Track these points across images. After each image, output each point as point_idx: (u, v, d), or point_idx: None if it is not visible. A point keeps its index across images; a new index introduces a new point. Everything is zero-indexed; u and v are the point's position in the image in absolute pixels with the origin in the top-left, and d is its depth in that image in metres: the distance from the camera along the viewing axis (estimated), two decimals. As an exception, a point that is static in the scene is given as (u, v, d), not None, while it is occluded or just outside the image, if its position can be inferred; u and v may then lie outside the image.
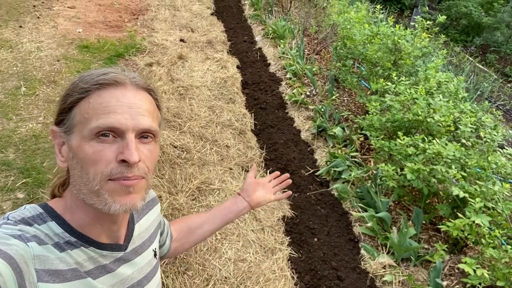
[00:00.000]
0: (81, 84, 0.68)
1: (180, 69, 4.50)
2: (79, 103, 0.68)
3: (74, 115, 0.68)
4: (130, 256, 0.81)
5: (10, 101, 3.47)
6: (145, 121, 0.68)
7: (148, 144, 0.70)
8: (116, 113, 0.65)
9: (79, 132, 0.66)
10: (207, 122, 3.63)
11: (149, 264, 0.87)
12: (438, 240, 2.55)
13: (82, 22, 5.52)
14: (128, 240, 0.81)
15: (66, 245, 0.68)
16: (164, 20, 5.99)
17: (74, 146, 0.67)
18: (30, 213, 0.68)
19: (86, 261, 0.71)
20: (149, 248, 0.89)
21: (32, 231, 0.65)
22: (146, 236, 0.88)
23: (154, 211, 0.96)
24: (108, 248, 0.75)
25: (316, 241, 2.64)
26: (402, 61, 3.53)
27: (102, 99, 0.66)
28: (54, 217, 0.69)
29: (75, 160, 0.67)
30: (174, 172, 2.94)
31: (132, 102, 0.68)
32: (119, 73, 0.70)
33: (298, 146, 3.53)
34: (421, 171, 2.33)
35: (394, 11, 9.42)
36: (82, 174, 0.66)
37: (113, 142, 0.66)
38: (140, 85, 0.72)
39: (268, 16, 6.45)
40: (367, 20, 4.52)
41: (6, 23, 4.88)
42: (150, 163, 0.71)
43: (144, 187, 0.71)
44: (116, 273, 0.76)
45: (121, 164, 0.65)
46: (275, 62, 4.99)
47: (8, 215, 0.67)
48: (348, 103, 4.26)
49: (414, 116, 2.76)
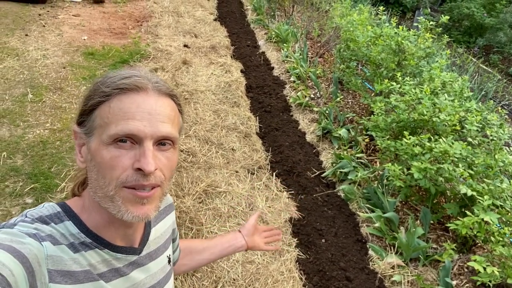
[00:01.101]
0: (103, 87, 0.67)
1: (184, 74, 4.54)
2: (100, 106, 0.67)
3: (94, 117, 0.67)
4: (144, 261, 0.80)
5: (17, 108, 3.51)
6: (164, 128, 0.67)
7: (166, 152, 0.69)
8: (135, 120, 0.64)
9: (99, 136, 0.66)
10: (212, 126, 3.65)
11: (162, 270, 0.86)
12: (446, 240, 2.54)
13: (87, 29, 5.59)
14: (143, 244, 0.80)
15: (81, 246, 0.68)
16: (168, 26, 6.05)
17: (92, 149, 0.66)
18: (48, 211, 0.68)
19: (100, 263, 0.70)
20: (164, 254, 0.87)
21: (48, 230, 0.65)
22: (161, 242, 0.87)
23: (170, 217, 0.94)
24: (123, 251, 0.74)
25: (323, 242, 2.64)
26: (406, 62, 3.53)
27: (123, 105, 0.65)
28: (71, 217, 0.69)
29: (92, 163, 0.67)
30: (181, 176, 2.95)
31: (152, 109, 0.66)
32: (142, 77, 0.69)
33: (304, 148, 3.54)
34: (428, 170, 2.33)
35: (396, 13, 9.44)
36: (98, 178, 0.66)
37: (131, 149, 0.65)
38: (163, 91, 0.70)
39: (271, 20, 6.49)
40: (369, 22, 4.54)
41: (12, 32, 4.95)
42: (167, 171, 0.69)
43: (159, 196, 0.70)
44: (128, 277, 0.76)
45: (137, 172, 0.64)
46: (278, 66, 5.02)
47: (27, 212, 0.67)
48: (352, 105, 4.26)
49: (420, 116, 2.76)
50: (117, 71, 0.71)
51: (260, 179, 3.13)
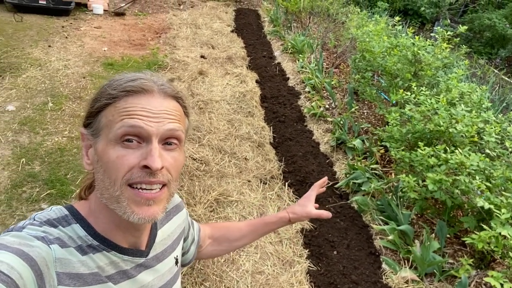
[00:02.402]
0: (109, 90, 0.68)
1: (200, 84, 4.59)
2: (106, 108, 0.68)
3: (101, 118, 0.68)
4: (151, 263, 0.80)
5: (37, 116, 3.62)
6: (170, 125, 0.67)
7: (172, 151, 0.69)
8: (142, 116, 0.65)
9: (105, 136, 0.66)
10: (226, 135, 3.67)
11: (170, 272, 0.86)
12: (463, 255, 2.44)
13: (107, 41, 5.75)
14: (149, 246, 0.80)
15: (89, 248, 0.68)
16: (186, 38, 6.16)
17: (99, 149, 0.67)
18: (56, 214, 0.69)
19: (108, 265, 0.70)
20: (171, 255, 0.87)
21: (56, 233, 0.65)
22: (168, 243, 0.87)
23: (179, 217, 0.94)
24: (130, 253, 0.74)
25: (335, 254, 2.58)
26: (423, 72, 3.48)
27: (128, 105, 0.66)
28: (78, 220, 0.70)
29: (99, 164, 0.67)
30: (193, 184, 2.97)
31: (158, 110, 0.67)
32: (148, 80, 0.69)
33: (317, 159, 3.50)
34: (443, 181, 2.26)
35: (415, 24, 9.36)
36: (104, 178, 0.66)
37: (137, 148, 0.65)
38: (168, 93, 0.70)
39: (287, 32, 6.53)
40: (386, 33, 4.51)
41: (36, 43, 5.14)
42: (174, 171, 0.69)
43: (166, 197, 0.70)
44: (136, 279, 0.76)
45: (143, 170, 0.65)
46: (294, 76, 5.02)
47: (35, 215, 0.68)
48: (368, 115, 4.22)
49: (436, 127, 2.70)
50: (123, 74, 0.71)
51: (273, 189, 3.11)
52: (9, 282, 0.51)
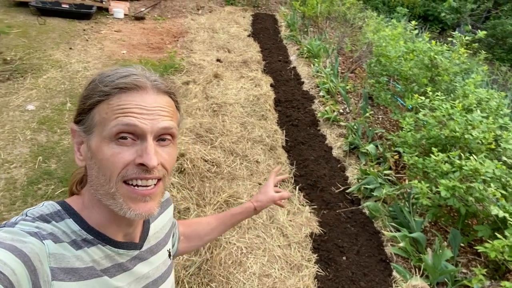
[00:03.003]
0: (101, 86, 0.67)
1: (215, 87, 4.63)
2: (98, 105, 0.67)
3: (93, 115, 0.67)
4: (145, 255, 0.81)
5: (56, 116, 3.71)
6: (164, 123, 0.68)
7: (166, 147, 0.70)
8: (136, 114, 0.65)
9: (99, 133, 0.66)
10: (238, 138, 3.68)
11: (164, 264, 0.87)
12: (477, 265, 2.37)
13: (126, 44, 5.87)
14: (143, 239, 0.81)
15: (83, 242, 0.68)
16: (203, 42, 6.23)
17: (93, 146, 0.67)
18: (48, 210, 0.68)
19: (103, 259, 0.70)
20: (164, 248, 0.89)
21: (49, 228, 0.65)
22: (161, 236, 0.88)
23: (169, 211, 0.96)
24: (124, 247, 0.75)
25: (344, 259, 2.54)
26: (440, 78, 3.41)
27: (122, 102, 0.66)
28: (71, 215, 0.69)
29: (93, 161, 0.67)
30: (204, 185, 2.98)
31: (152, 107, 0.67)
32: (140, 76, 0.69)
33: (329, 163, 3.47)
34: (457, 188, 2.20)
35: (435, 30, 9.20)
36: (99, 175, 0.66)
37: (132, 145, 0.65)
38: (161, 89, 0.71)
39: (304, 36, 6.52)
40: (403, 38, 4.45)
41: (58, 45, 5.29)
42: (168, 166, 0.70)
43: (161, 192, 0.71)
44: (132, 271, 0.76)
45: (139, 167, 0.65)
46: (308, 81, 5.00)
47: (27, 211, 0.67)
48: (383, 120, 4.16)
49: (451, 133, 2.64)
50: (114, 69, 0.71)
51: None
52: (2, 279, 0.51)
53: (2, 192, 2.71)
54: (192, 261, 2.36)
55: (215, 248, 2.46)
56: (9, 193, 2.72)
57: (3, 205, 2.61)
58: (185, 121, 3.80)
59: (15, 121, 3.52)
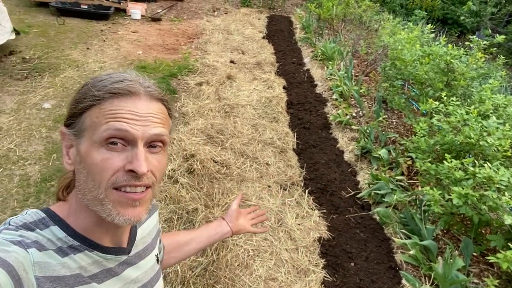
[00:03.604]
0: (94, 91, 0.67)
1: (227, 89, 4.64)
2: (90, 109, 0.67)
3: (84, 119, 0.67)
4: (133, 260, 0.80)
5: (71, 114, 3.78)
6: (155, 129, 0.67)
7: (157, 154, 0.69)
8: (127, 119, 0.65)
9: (89, 137, 0.65)
10: (249, 140, 3.67)
11: (152, 269, 0.86)
12: (489, 275, 2.30)
13: (142, 45, 5.94)
14: (131, 243, 0.81)
15: (69, 249, 0.67)
16: (217, 43, 6.26)
17: (82, 151, 0.66)
18: (32, 218, 0.67)
19: (91, 265, 0.70)
20: (152, 253, 0.88)
21: (33, 236, 0.64)
22: (148, 241, 0.88)
23: (154, 217, 0.95)
24: (112, 252, 0.74)
25: (353, 266, 2.51)
26: (456, 82, 3.34)
27: (114, 107, 0.65)
28: (56, 221, 0.68)
29: (82, 165, 0.66)
30: (212, 186, 2.98)
31: (144, 113, 0.67)
32: (134, 82, 0.69)
33: (340, 167, 3.43)
34: (469, 196, 2.14)
35: (454, 34, 9.02)
36: (88, 180, 0.65)
37: (122, 151, 0.65)
38: (154, 95, 0.71)
39: (318, 38, 6.48)
40: (420, 41, 4.37)
41: (75, 45, 5.39)
42: (158, 173, 0.70)
43: (150, 198, 0.70)
44: (121, 276, 0.76)
45: (128, 174, 0.65)
46: (322, 83, 4.97)
47: (10, 220, 0.66)
48: (397, 125, 4.09)
49: (466, 139, 2.58)
50: (107, 73, 0.71)
51: (292, 196, 3.08)
52: None
53: (16, 188, 2.77)
54: (198, 262, 2.36)
55: (221, 250, 2.45)
56: (23, 189, 2.78)
57: (17, 201, 2.66)
58: (197, 121, 3.82)
59: (31, 119, 3.60)
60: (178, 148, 3.35)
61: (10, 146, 3.18)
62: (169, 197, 2.82)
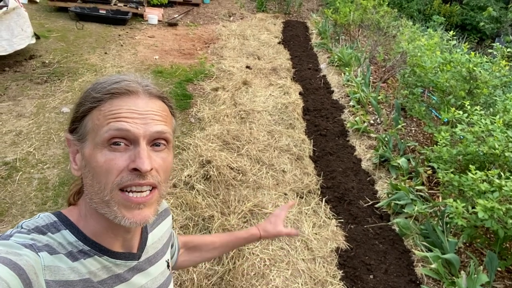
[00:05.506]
0: (93, 93, 0.67)
1: (243, 94, 4.62)
2: (91, 112, 0.67)
3: (86, 123, 0.67)
4: (144, 266, 0.80)
5: (89, 118, 3.81)
6: (157, 127, 0.67)
7: (160, 152, 0.69)
8: (128, 118, 0.65)
9: (92, 140, 0.66)
10: (265, 146, 3.64)
11: (162, 275, 0.86)
12: (516, 292, 2.21)
13: (159, 50, 5.98)
14: (141, 249, 0.80)
15: (80, 254, 0.67)
16: (233, 48, 6.26)
17: (86, 154, 0.66)
18: (44, 221, 0.68)
19: (100, 270, 0.70)
20: (162, 258, 0.87)
21: (44, 240, 0.64)
22: (159, 247, 0.87)
23: (167, 222, 0.94)
24: (122, 257, 0.74)
25: (371, 278, 2.44)
26: (478, 91, 3.25)
27: (114, 107, 0.66)
28: (68, 226, 0.69)
29: (87, 168, 0.66)
30: (229, 193, 2.96)
31: (144, 111, 0.67)
32: (132, 81, 0.69)
33: (358, 176, 3.37)
34: (495, 210, 2.07)
35: (473, 40, 8.87)
36: (94, 183, 0.65)
37: (125, 151, 0.65)
38: (154, 93, 0.71)
39: (335, 44, 6.43)
40: (440, 48, 4.29)
41: (94, 50, 5.46)
42: (163, 172, 0.69)
43: (157, 200, 0.70)
44: (130, 282, 0.75)
45: (133, 173, 0.64)
46: (338, 90, 4.91)
47: (22, 223, 0.67)
48: (416, 133, 4.01)
49: (490, 150, 2.50)
50: (107, 77, 0.72)
51: (309, 204, 3.03)
52: None
53: (34, 192, 2.80)
54: (214, 271, 2.34)
55: (237, 259, 2.42)
56: (41, 193, 2.80)
57: (35, 205, 2.68)
58: (213, 127, 3.81)
59: (50, 123, 3.64)
60: (194, 154, 3.34)
61: (29, 149, 3.22)
62: (185, 203, 2.81)
